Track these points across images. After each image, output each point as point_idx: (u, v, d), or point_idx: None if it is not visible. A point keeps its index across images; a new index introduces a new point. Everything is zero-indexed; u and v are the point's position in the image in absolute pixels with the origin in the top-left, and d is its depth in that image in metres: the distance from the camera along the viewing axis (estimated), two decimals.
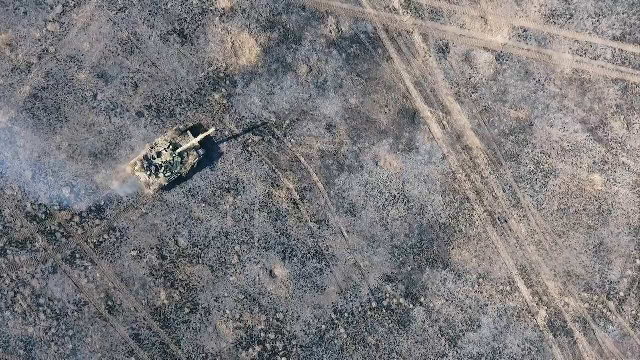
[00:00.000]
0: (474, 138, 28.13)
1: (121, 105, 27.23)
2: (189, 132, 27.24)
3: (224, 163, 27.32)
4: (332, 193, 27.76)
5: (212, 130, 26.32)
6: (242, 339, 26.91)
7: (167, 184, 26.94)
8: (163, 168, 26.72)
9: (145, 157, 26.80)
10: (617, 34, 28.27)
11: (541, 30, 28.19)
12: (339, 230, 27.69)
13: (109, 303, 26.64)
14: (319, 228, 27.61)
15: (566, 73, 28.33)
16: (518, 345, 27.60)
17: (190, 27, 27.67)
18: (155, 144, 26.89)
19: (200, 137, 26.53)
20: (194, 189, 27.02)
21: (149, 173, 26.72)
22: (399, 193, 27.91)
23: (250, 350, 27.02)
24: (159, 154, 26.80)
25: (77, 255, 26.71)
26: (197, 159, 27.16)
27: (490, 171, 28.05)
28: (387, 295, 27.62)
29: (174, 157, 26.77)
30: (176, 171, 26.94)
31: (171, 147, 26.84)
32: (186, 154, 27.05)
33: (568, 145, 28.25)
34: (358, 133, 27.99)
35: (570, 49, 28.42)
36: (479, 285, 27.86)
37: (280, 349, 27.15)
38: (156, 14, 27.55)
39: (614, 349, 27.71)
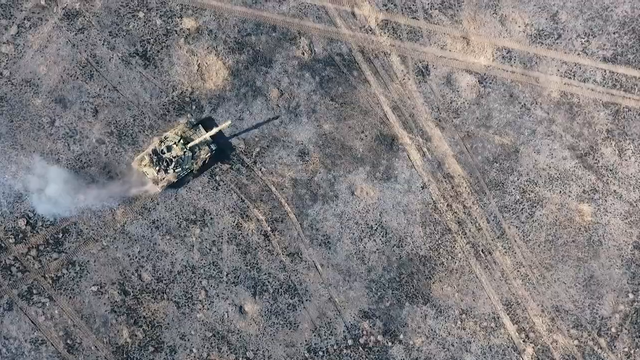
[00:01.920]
0: (456, 165, 28.50)
1: (80, 132, 27.70)
2: (200, 126, 27.68)
3: (190, 192, 27.93)
4: (305, 224, 28.15)
5: (226, 123, 26.79)
6: None
7: (176, 180, 27.39)
8: (173, 163, 26.93)
9: (154, 152, 27.09)
10: (608, 55, 28.63)
11: (527, 51, 28.77)
12: (313, 264, 28.11)
13: (68, 341, 27.09)
14: (292, 261, 28.01)
15: (553, 96, 28.78)
16: None
17: (154, 48, 28.14)
18: (165, 138, 27.35)
19: (214, 130, 26.99)
20: (158, 220, 27.53)
21: (157, 168, 26.93)
22: (376, 224, 28.27)
23: None
24: (169, 148, 27.14)
25: (34, 291, 27.09)
26: (209, 154, 27.60)
27: (473, 200, 28.45)
28: (364, 332, 28.00)
29: (184, 152, 27.02)
30: (186, 167, 27.40)
31: (182, 141, 27.11)
32: (197, 148, 27.42)
33: (556, 172, 28.64)
34: (332, 160, 28.41)
35: (558, 70, 28.87)
36: (461, 322, 28.28)
37: None
38: (117, 35, 28.06)
39: None
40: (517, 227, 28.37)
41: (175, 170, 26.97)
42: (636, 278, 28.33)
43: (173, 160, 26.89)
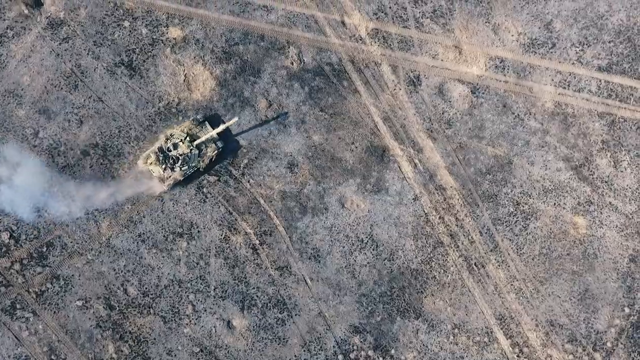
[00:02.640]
0: (448, 177, 28.55)
1: (65, 144, 27.70)
2: (207, 123, 27.86)
3: (177, 205, 28.01)
4: (294, 237, 28.17)
5: (233, 120, 26.94)
6: None
7: (182, 178, 27.55)
8: (180, 161, 27.09)
9: (160, 149, 27.27)
10: (603, 64, 28.66)
11: (520, 61, 28.87)
12: (302, 278, 28.09)
13: (52, 357, 27.02)
14: (280, 275, 28.00)
15: (547, 106, 28.81)
16: None
17: (139, 58, 28.20)
18: (171, 135, 27.50)
19: (221, 127, 27.15)
20: (144, 233, 27.72)
21: (164, 166, 27.08)
22: (366, 237, 28.32)
23: None
24: (175, 146, 27.29)
25: (18, 306, 27.03)
26: (216, 152, 27.77)
27: (466, 213, 28.50)
28: (355, 347, 28.04)
29: (191, 149, 27.25)
30: (193, 164, 27.56)
31: (188, 138, 27.30)
32: (204, 146, 27.59)
33: (550, 184, 28.70)
34: (322, 172, 28.55)
35: (552, 80, 28.90)
36: (454, 336, 28.28)
37: None
38: (102, 44, 28.14)
39: None
40: (510, 239, 28.36)
41: (182, 169, 27.11)
42: (632, 292, 28.35)
43: (179, 158, 27.02)
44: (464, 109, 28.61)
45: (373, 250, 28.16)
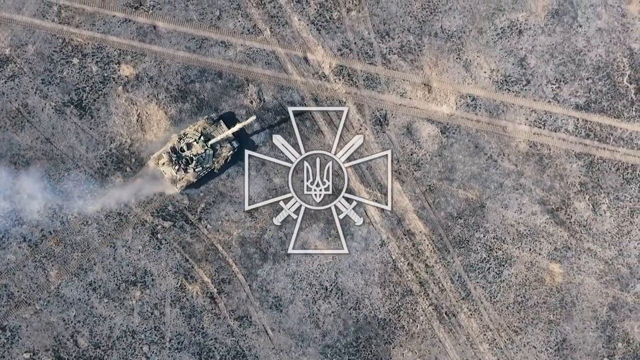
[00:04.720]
0: (417, 221, 28.22)
1: (10, 187, 27.31)
2: (221, 122, 27.64)
3: (130, 252, 27.67)
4: (254, 285, 27.88)
5: (251, 118, 26.78)
6: None
7: (195, 180, 27.36)
8: (193, 162, 26.93)
9: (173, 149, 27.04)
10: (581, 102, 28.42)
11: (493, 99, 28.48)
12: (263, 328, 27.80)
13: None
14: (240, 325, 27.71)
15: (522, 147, 28.46)
16: None
17: (90, 97, 27.78)
18: (184, 134, 27.25)
19: (237, 127, 26.95)
20: (95, 281, 27.78)
21: (176, 167, 26.90)
22: (331, 285, 28.03)
23: None
24: (189, 146, 27.07)
25: None
26: (231, 152, 27.55)
27: (436, 259, 28.19)
28: None
29: (205, 150, 27.03)
30: (207, 165, 27.33)
31: (202, 138, 27.09)
32: (219, 146, 27.35)
33: (525, 229, 28.31)
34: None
35: (527, 119, 28.44)
36: None
37: None
38: (50, 82, 27.72)
39: None
40: (483, 287, 27.96)
41: (196, 170, 26.89)
42: (612, 341, 27.97)
43: (193, 158, 26.78)
44: (433, 149, 28.14)
45: (338, 298, 27.78)
